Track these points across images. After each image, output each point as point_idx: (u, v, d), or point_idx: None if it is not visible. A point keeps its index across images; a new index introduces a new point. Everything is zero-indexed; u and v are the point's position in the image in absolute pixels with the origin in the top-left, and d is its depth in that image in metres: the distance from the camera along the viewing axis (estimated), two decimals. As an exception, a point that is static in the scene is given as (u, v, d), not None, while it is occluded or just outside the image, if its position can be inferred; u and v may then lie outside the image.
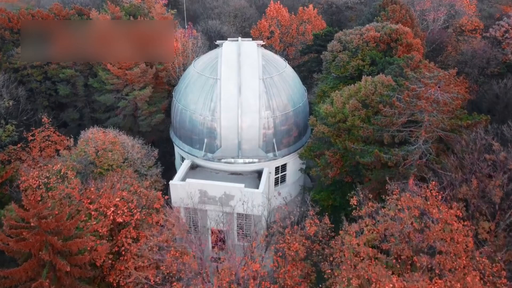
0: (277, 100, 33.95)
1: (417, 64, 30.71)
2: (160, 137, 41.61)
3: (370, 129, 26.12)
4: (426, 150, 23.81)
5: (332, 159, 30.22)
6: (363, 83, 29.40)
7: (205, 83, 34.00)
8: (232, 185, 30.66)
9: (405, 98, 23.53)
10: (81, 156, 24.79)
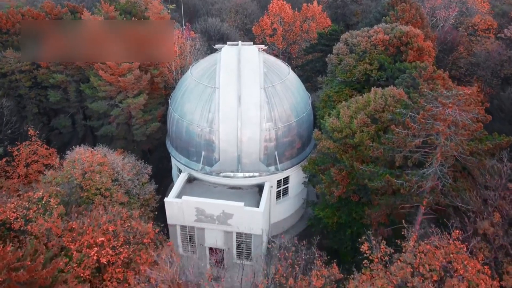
0: (279, 111, 31.81)
1: (431, 74, 28.46)
2: (156, 144, 39.68)
3: (380, 149, 24.02)
4: (442, 176, 21.75)
5: (338, 176, 28.20)
6: (372, 95, 27.23)
7: (203, 92, 31.87)
8: (231, 203, 28.76)
9: (420, 120, 21.39)
10: (66, 179, 22.88)
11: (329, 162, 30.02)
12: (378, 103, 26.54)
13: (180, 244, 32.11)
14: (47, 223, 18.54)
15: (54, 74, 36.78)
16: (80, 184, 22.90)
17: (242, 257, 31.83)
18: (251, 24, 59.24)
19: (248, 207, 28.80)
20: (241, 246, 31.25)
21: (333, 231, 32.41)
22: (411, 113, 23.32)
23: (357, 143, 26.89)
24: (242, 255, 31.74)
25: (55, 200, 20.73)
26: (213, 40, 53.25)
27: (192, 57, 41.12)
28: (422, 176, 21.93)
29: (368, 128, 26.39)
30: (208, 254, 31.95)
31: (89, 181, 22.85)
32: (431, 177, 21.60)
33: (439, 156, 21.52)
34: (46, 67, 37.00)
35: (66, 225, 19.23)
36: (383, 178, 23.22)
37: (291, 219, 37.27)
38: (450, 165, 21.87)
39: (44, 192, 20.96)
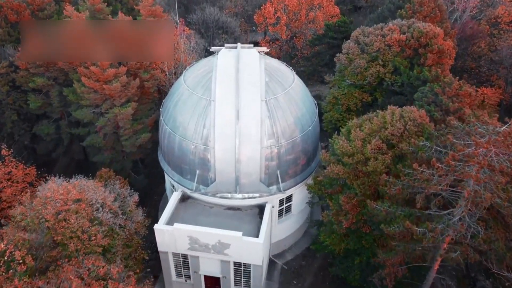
0: (283, 126, 28.44)
1: (456, 91, 24.88)
2: (149, 152, 36.53)
3: (399, 186, 20.81)
4: (473, 227, 18.62)
5: (347, 205, 25.15)
6: (389, 117, 23.77)
7: (197, 105, 28.43)
8: (228, 233, 25.86)
9: (449, 161, 18.07)
10: (37, 220, 19.95)
11: (337, 186, 26.95)
12: (396, 127, 23.13)
13: (173, 270, 29.48)
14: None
15: (34, 77, 33.26)
16: (53, 226, 19.97)
17: (240, 285, 29.25)
18: (253, 12, 54.85)
19: (246, 238, 25.93)
20: (239, 275, 28.59)
21: (340, 257, 29.67)
22: (436, 146, 19.96)
23: (370, 172, 23.71)
24: (241, 284, 29.15)
25: (20, 252, 17.85)
26: (211, 30, 49.20)
27: (188, 56, 37.38)
28: (448, 225, 18.81)
29: (384, 156, 23.09)
30: (203, 281, 29.35)
31: (63, 223, 19.92)
32: (459, 227, 18.48)
33: (469, 203, 18.32)
34: (25, 69, 33.44)
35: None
36: (402, 222, 20.14)
37: (294, 236, 34.51)
38: (483, 212, 18.70)
39: (8, 241, 18.06)
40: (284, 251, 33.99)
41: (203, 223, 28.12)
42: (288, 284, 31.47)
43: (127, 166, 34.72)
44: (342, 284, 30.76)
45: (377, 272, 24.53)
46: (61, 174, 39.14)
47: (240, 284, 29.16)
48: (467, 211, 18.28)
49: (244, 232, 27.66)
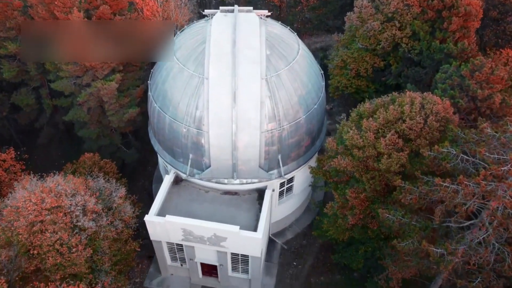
0: (285, 107, 25.32)
1: (487, 76, 21.42)
2: (140, 125, 33.72)
3: (415, 194, 18.36)
4: (499, 251, 16.46)
5: (355, 200, 22.95)
6: (408, 108, 20.63)
7: (188, 83, 25.09)
8: (224, 227, 23.96)
9: (479, 180, 15.42)
10: (10, 233, 17.82)
11: (344, 175, 24.57)
12: (416, 121, 20.10)
13: (168, 256, 28.14)
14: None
15: (5, 41, 29.40)
16: (27, 239, 17.90)
17: (238, 271, 28.06)
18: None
19: (244, 232, 24.05)
20: (237, 263, 27.27)
21: (343, 244, 28.15)
22: (463, 154, 17.18)
23: (384, 170, 21.15)
24: (238, 270, 27.94)
25: (-9, 275, 16.02)
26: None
27: (179, 13, 33.05)
28: (470, 247, 16.65)
29: (399, 154, 20.36)
30: (199, 267, 28.13)
31: (39, 235, 17.82)
32: (483, 252, 16.33)
33: (497, 226, 16.01)
34: (-6, 33, 29.50)
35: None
36: (416, 238, 18.00)
37: (295, 214, 32.87)
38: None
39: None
40: (285, 229, 32.55)
41: (197, 211, 26.25)
42: (288, 266, 30.37)
43: (116, 140, 32.09)
44: (344, 267, 29.64)
45: (383, 274, 22.99)
46: (44, 146, 37.05)
47: (237, 270, 27.96)
48: (494, 235, 16.02)
49: (242, 221, 25.88)
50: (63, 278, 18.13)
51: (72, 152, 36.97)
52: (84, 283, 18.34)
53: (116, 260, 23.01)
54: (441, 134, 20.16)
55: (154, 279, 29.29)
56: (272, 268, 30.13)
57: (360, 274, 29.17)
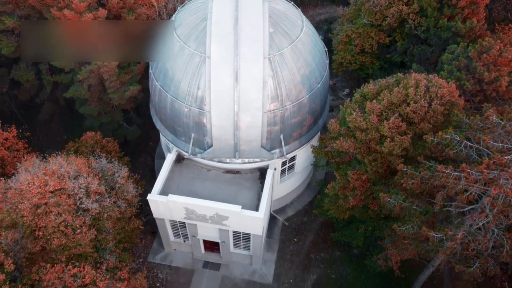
0: (288, 87, 25.00)
1: (495, 58, 20.95)
2: (141, 102, 33.48)
3: (417, 179, 18.40)
4: (498, 237, 16.62)
5: (356, 182, 23.03)
6: (412, 90, 20.30)
7: (190, 61, 24.67)
8: (226, 207, 24.21)
9: (482, 170, 15.38)
10: (14, 214, 18.02)
11: (346, 156, 24.54)
12: (420, 105, 19.85)
13: (171, 233, 28.63)
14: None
15: (2, 16, 28.75)
16: (32, 221, 18.13)
17: (240, 248, 28.60)
18: None
19: (246, 211, 24.33)
20: (239, 240, 27.75)
21: (343, 222, 28.52)
22: (466, 141, 17.07)
23: (386, 153, 21.09)
24: (240, 247, 28.48)
25: (-3, 257, 16.33)
26: None
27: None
28: (469, 232, 16.82)
29: (402, 138, 20.22)
30: (202, 243, 28.66)
31: (44, 217, 18.05)
32: (482, 239, 16.50)
33: (497, 213, 16.10)
34: (-9, 7, 28.79)
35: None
36: (416, 222, 18.17)
37: (297, 191, 33.13)
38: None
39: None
40: (286, 206, 32.91)
41: (199, 189, 26.48)
42: (289, 242, 30.91)
43: (118, 117, 31.94)
44: (344, 244, 30.16)
45: (382, 254, 23.39)
46: (46, 122, 36.91)
47: (239, 247, 28.49)
48: (494, 222, 16.14)
49: (243, 200, 26.16)
50: (68, 258, 18.52)
51: (74, 127, 36.98)
52: (89, 262, 18.74)
53: (120, 238, 23.42)
54: (445, 118, 19.96)
55: (157, 254, 29.92)
56: (273, 244, 30.68)
57: (359, 251, 29.72)
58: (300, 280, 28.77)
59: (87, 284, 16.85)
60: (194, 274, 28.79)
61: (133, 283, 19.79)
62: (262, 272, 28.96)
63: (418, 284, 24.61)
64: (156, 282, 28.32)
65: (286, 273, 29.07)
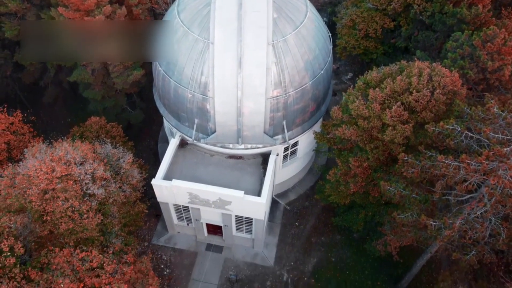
0: (291, 73, 25.04)
1: (499, 47, 20.90)
2: (144, 86, 33.56)
3: (417, 168, 18.68)
4: (495, 225, 16.98)
5: (358, 169, 23.33)
6: (415, 79, 20.35)
7: (193, 47, 24.66)
8: (229, 192, 24.63)
9: (481, 161, 15.62)
10: (23, 199, 18.45)
11: (348, 143, 24.77)
12: (422, 94, 19.94)
13: (174, 216, 29.18)
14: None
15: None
16: (40, 206, 18.57)
17: (242, 231, 29.18)
18: None
19: (248, 197, 24.75)
20: (241, 224, 28.29)
21: (344, 207, 28.96)
22: (467, 132, 17.26)
23: (388, 141, 21.31)
24: (242, 230, 29.05)
25: (7, 241, 16.81)
26: None
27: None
28: (467, 221, 17.20)
29: (404, 127, 20.39)
30: (205, 227, 29.24)
31: (51, 203, 18.48)
32: (479, 227, 16.87)
33: (495, 203, 16.42)
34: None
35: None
36: (416, 210, 18.54)
37: (299, 175, 33.53)
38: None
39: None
40: (288, 191, 33.35)
41: (202, 174, 26.87)
42: (290, 226, 31.47)
43: (121, 101, 32.12)
44: (344, 228, 30.68)
45: (381, 239, 23.89)
46: (50, 105, 37.08)
47: (241, 230, 29.07)
48: (492, 212, 16.49)
49: (246, 185, 26.56)
50: (76, 242, 19.06)
51: (78, 110, 37.19)
52: (96, 246, 19.28)
53: (125, 222, 23.94)
54: (447, 108, 20.08)
55: (161, 236, 30.58)
56: (275, 227, 31.26)
57: (359, 236, 30.28)
58: (301, 263, 29.45)
59: (95, 267, 17.43)
60: (197, 256, 29.48)
61: (139, 266, 20.38)
62: (263, 255, 29.62)
63: (416, 269, 25.18)
64: (160, 263, 29.05)
65: (287, 256, 29.73)
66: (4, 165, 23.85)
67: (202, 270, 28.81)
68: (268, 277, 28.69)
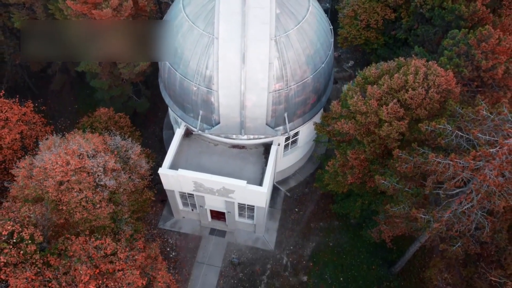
0: (293, 67, 25.88)
1: (494, 46, 21.66)
2: (150, 75, 34.38)
3: (411, 164, 19.81)
4: (481, 219, 18.21)
5: (355, 161, 24.48)
6: (412, 78, 21.24)
7: (198, 42, 25.44)
8: (232, 181, 25.85)
9: (469, 160, 16.71)
10: (40, 190, 19.68)
11: (347, 135, 25.82)
12: (417, 92, 20.86)
13: (180, 202, 30.56)
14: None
15: (13, -11, 29.22)
16: (56, 197, 19.84)
17: (244, 217, 30.60)
18: None
19: (251, 186, 26.00)
20: (243, 210, 29.67)
21: (342, 195, 30.25)
22: (458, 131, 18.30)
23: (384, 137, 22.36)
24: (245, 216, 30.46)
25: (28, 230, 18.15)
26: None
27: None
28: (455, 215, 18.44)
29: (399, 123, 21.40)
30: (209, 212, 30.65)
31: (66, 194, 19.74)
32: (465, 221, 18.12)
33: (481, 199, 17.61)
34: (1, -21, 29.23)
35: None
36: (407, 203, 19.77)
37: (299, 163, 34.73)
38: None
39: (13, 221, 18.19)
40: (288, 178, 34.61)
41: (207, 163, 28.06)
42: (290, 212, 32.87)
43: (127, 90, 33.04)
44: (342, 214, 32.04)
45: (375, 228, 25.22)
46: (58, 92, 38.00)
47: (244, 216, 30.47)
48: (478, 207, 17.69)
49: (248, 174, 27.78)
50: (91, 230, 20.45)
51: (85, 97, 38.18)
52: (107, 233, 20.66)
53: (134, 209, 25.28)
54: (441, 106, 21.03)
55: (167, 221, 32.06)
56: (276, 213, 32.67)
57: (356, 222, 31.68)
58: (300, 247, 30.97)
59: (109, 254, 18.83)
60: (202, 240, 31.01)
61: (148, 252, 21.82)
62: (264, 239, 31.13)
63: (409, 254, 26.64)
64: (166, 247, 30.61)
65: (287, 240, 31.24)
66: (18, 154, 25.08)
67: (206, 253, 30.39)
68: (269, 260, 30.27)
